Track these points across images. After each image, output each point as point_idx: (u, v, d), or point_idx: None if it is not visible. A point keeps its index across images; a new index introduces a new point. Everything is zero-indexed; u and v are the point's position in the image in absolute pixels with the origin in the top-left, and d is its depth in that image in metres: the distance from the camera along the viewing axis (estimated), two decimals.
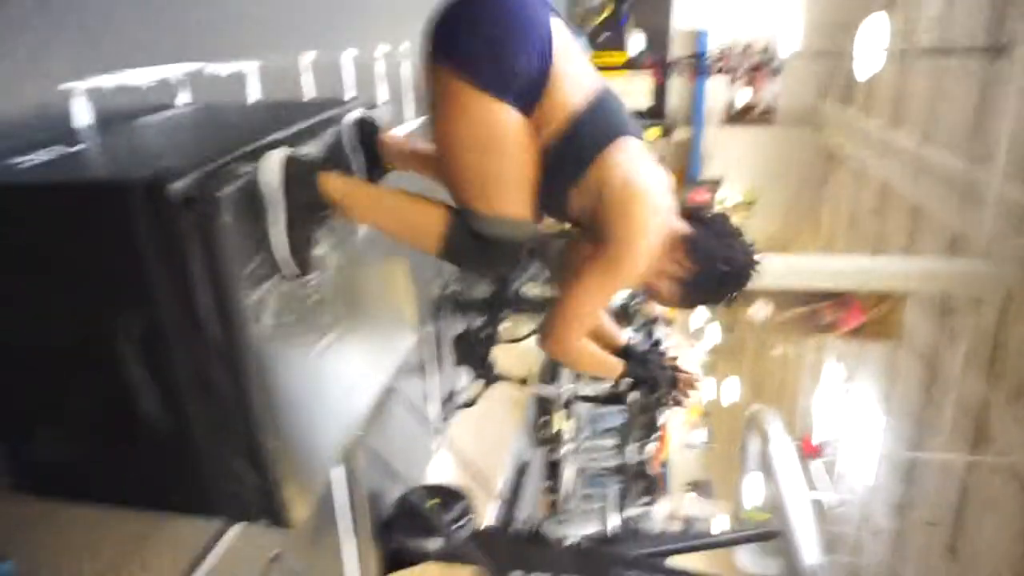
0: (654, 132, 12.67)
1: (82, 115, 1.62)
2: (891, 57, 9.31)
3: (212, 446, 1.33)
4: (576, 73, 1.39)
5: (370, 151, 1.66)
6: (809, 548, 6.12)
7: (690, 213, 1.48)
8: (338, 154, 1.60)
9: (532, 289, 4.57)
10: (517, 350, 5.14)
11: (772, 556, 6.90)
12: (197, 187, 1.17)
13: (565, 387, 6.41)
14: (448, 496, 3.61)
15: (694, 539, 4.29)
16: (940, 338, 8.37)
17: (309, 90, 2.61)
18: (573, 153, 1.38)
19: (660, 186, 1.42)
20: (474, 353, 4.36)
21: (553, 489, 7.65)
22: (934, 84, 8.84)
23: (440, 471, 4.20)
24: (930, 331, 8.57)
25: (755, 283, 1.47)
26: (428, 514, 3.31)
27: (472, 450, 4.64)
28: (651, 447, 7.90)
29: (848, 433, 10.46)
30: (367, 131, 1.65)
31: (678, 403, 1.64)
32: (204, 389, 1.28)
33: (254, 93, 2.24)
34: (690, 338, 17.02)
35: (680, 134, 12.87)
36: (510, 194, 1.40)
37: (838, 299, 7.09)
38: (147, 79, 1.82)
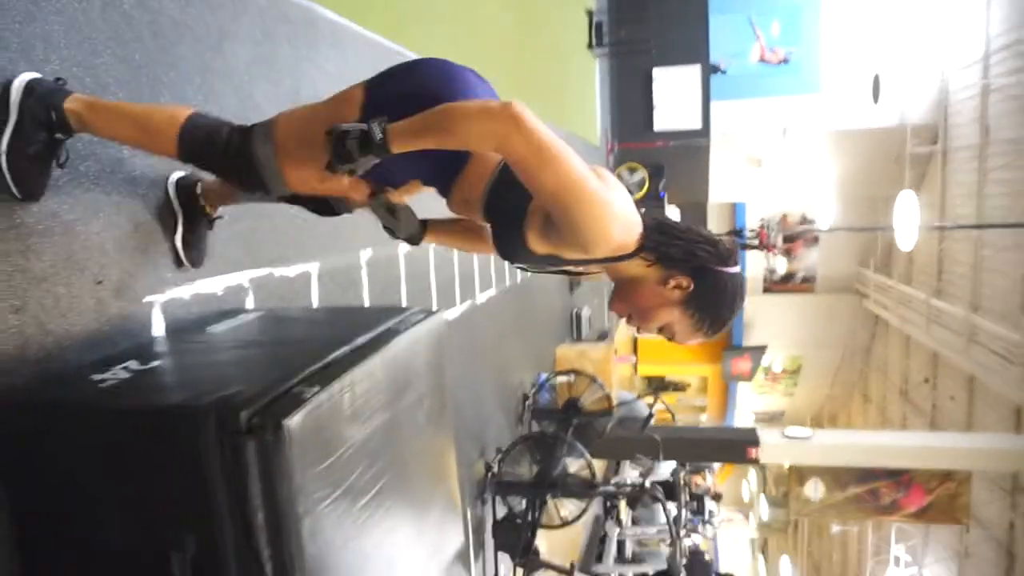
0: None
1: (158, 325, 1.71)
2: (929, 230, 9.44)
3: None
4: None
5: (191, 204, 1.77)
6: None
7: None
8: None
9: (578, 471, 4.46)
10: (561, 535, 4.92)
11: None
12: (263, 415, 1.20)
13: (613, 570, 6.06)
14: None
15: None
16: (1015, 519, 7.82)
17: (366, 285, 2.74)
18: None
19: None
20: (517, 538, 4.18)
21: None
22: (976, 255, 8.88)
23: None
24: (1002, 512, 8.03)
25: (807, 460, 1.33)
26: None
27: None
28: None
29: None
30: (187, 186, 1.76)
31: None
32: None
33: (316, 292, 2.36)
34: (740, 512, 16.17)
35: None
36: (304, 167, 1.38)
37: (897, 478, 6.71)
38: (219, 287, 1.93)
